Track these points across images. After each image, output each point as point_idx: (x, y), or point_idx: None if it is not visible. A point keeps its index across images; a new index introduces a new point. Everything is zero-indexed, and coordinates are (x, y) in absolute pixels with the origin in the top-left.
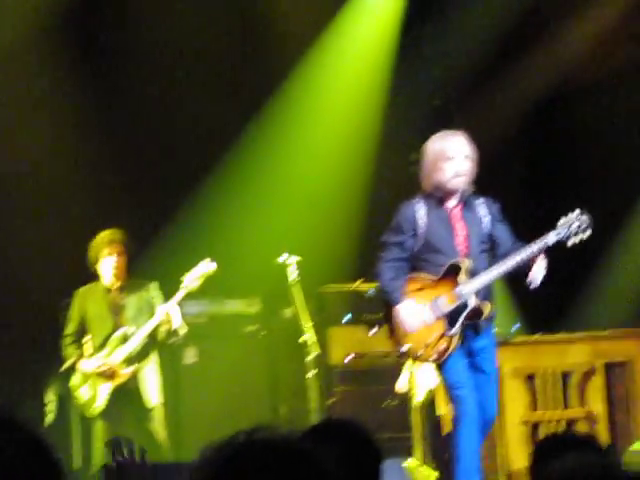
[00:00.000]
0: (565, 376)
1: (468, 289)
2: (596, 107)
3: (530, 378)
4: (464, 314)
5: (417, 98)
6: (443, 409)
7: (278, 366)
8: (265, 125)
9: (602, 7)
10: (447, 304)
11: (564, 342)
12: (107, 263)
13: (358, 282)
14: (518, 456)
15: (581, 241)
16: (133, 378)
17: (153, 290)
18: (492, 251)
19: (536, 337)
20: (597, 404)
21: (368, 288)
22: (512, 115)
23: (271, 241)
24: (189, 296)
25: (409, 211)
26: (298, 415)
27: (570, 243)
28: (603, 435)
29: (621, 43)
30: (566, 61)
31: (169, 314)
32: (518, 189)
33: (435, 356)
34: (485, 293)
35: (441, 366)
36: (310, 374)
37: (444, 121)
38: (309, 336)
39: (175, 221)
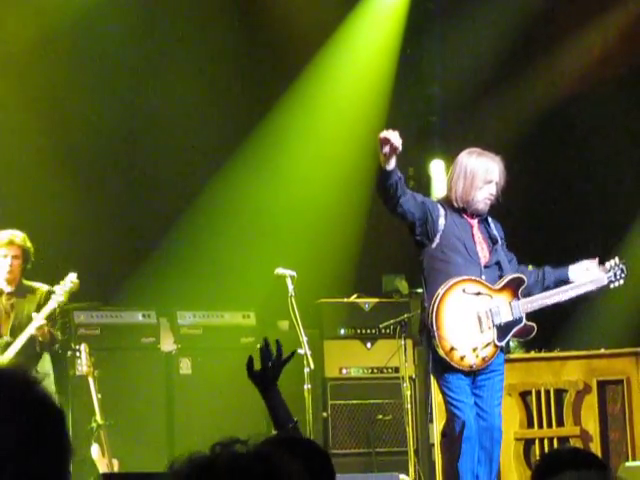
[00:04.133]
0: (559, 393)
1: (526, 307)
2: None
3: (524, 395)
4: (515, 329)
5: (414, 114)
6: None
7: None
8: (265, 137)
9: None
10: (506, 315)
11: (559, 360)
12: (1, 265)
13: (354, 296)
14: (512, 473)
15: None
16: None
17: (45, 295)
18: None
19: (531, 354)
20: (591, 422)
21: (364, 302)
22: (510, 131)
23: (268, 254)
24: (180, 307)
25: (434, 204)
26: None
27: (612, 286)
28: (596, 453)
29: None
30: (566, 76)
31: (43, 324)
32: (519, 207)
33: (477, 362)
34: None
35: (442, 380)
36: (305, 387)
37: (440, 137)
38: (305, 349)
39: (174, 232)
